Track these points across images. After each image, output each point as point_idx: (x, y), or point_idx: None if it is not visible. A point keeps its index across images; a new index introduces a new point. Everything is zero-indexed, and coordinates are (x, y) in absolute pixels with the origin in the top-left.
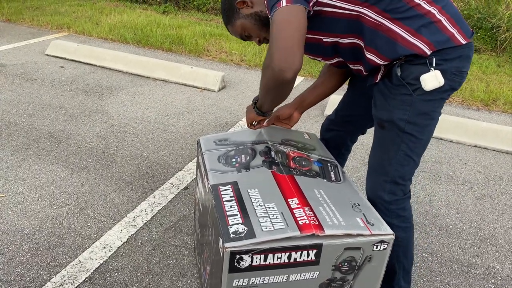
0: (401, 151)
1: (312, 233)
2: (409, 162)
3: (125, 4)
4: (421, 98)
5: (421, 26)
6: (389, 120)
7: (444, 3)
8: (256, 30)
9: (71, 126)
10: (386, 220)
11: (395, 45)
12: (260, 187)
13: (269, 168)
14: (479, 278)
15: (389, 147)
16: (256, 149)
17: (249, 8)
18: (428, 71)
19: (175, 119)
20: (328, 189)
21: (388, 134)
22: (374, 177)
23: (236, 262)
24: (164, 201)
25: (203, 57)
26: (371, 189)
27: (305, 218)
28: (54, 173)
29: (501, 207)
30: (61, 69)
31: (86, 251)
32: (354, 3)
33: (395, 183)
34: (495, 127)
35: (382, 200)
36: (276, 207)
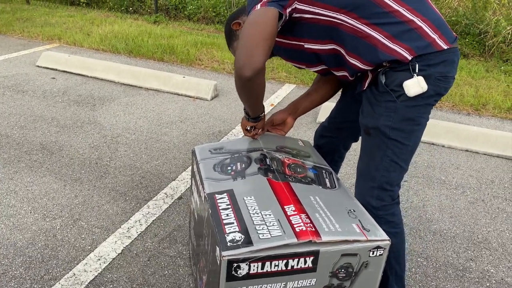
0: (387, 157)
1: (309, 239)
2: (396, 168)
3: (116, 14)
4: (405, 104)
5: (400, 32)
6: (374, 127)
7: (425, 9)
8: None
9: (64, 137)
10: None
11: (376, 51)
12: (256, 194)
13: (265, 176)
14: (474, 282)
15: (375, 153)
16: (251, 156)
17: None
18: (411, 77)
19: (168, 129)
20: (324, 195)
21: (374, 140)
22: (362, 183)
23: (233, 270)
24: (159, 211)
25: (195, 66)
26: (359, 195)
27: (301, 224)
28: (47, 185)
29: (493, 211)
30: (52, 80)
31: (80, 264)
32: (333, 10)
33: (382, 189)
34: (486, 131)
35: (370, 206)
36: (272, 214)
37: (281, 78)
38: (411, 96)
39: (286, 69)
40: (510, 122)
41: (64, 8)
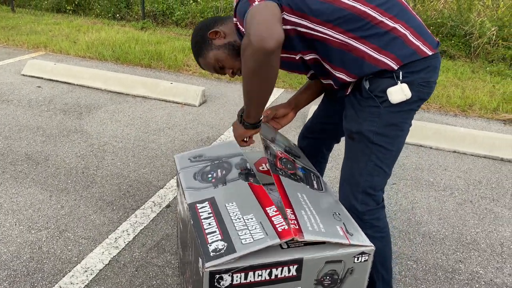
0: (371, 162)
1: (291, 238)
2: (379, 172)
3: (102, 21)
4: (389, 110)
5: (387, 43)
6: (358, 131)
7: (407, 17)
8: (230, 60)
9: (49, 147)
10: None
11: (363, 63)
12: (238, 200)
13: (246, 180)
14: (463, 284)
15: (359, 158)
16: (232, 162)
17: (221, 39)
18: (395, 84)
19: (155, 136)
20: (311, 195)
21: (358, 145)
22: (346, 187)
23: (216, 282)
24: (146, 220)
25: (183, 72)
26: (344, 199)
27: (283, 224)
28: (32, 196)
29: (481, 212)
30: (38, 89)
31: (66, 276)
32: (320, 24)
33: (366, 193)
34: (472, 132)
35: (355, 211)
36: (254, 218)
37: None
38: (394, 103)
39: None
40: (496, 123)
41: (50, 16)
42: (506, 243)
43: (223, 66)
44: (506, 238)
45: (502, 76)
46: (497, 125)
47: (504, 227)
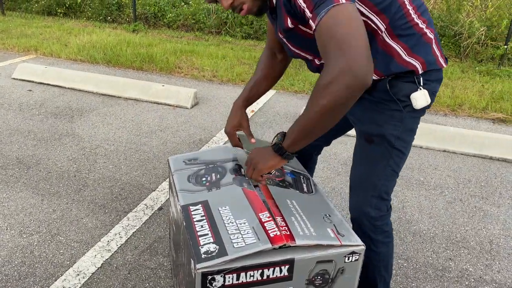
0: (389, 167)
1: (283, 243)
2: (394, 177)
3: (94, 24)
4: (410, 115)
5: (417, 45)
6: (380, 134)
7: (432, 25)
8: None
9: (41, 150)
10: (371, 236)
11: (391, 61)
12: (231, 204)
13: (240, 185)
14: (454, 281)
15: (378, 162)
16: (226, 167)
17: None
18: (416, 89)
19: (147, 138)
20: (300, 200)
21: (377, 149)
22: (361, 193)
23: (208, 283)
24: (139, 223)
25: (175, 74)
26: (357, 206)
27: (276, 230)
28: (24, 200)
29: (471, 210)
30: (29, 93)
31: (58, 280)
32: (376, 13)
33: (381, 198)
34: (462, 131)
35: (368, 217)
36: (247, 223)
37: None
38: (418, 109)
39: None
40: (485, 122)
41: (41, 19)
42: (495, 241)
43: None
44: (495, 236)
45: (491, 76)
46: (486, 124)
47: (493, 225)
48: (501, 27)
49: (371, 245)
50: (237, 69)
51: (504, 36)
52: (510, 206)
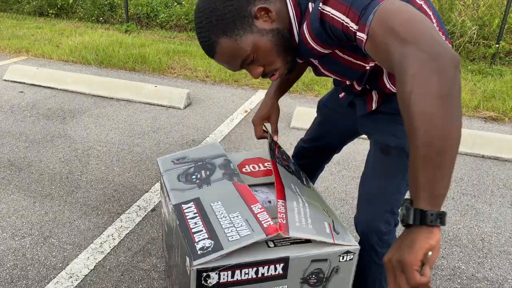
0: (405, 181)
1: (277, 233)
2: (406, 190)
3: (86, 24)
4: None
5: None
6: (399, 147)
7: (448, 36)
8: (274, 54)
9: (33, 152)
10: (377, 250)
11: None
12: (223, 199)
13: (230, 180)
14: (446, 279)
15: (395, 175)
16: (215, 163)
17: (268, 22)
18: None
19: (140, 140)
20: (302, 189)
21: (394, 161)
22: (375, 207)
23: (203, 280)
24: (132, 224)
25: (168, 75)
26: (369, 220)
27: (269, 220)
28: (16, 203)
29: (463, 208)
30: (20, 94)
31: (51, 282)
32: None
33: (392, 213)
34: None
35: (378, 232)
36: (240, 216)
37: (254, 84)
38: None
39: None
40: (477, 120)
41: (32, 20)
42: (487, 238)
43: (257, 59)
44: (487, 234)
45: (483, 75)
46: (478, 122)
47: (485, 223)
48: (492, 26)
49: (375, 258)
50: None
51: (495, 35)
52: (502, 204)
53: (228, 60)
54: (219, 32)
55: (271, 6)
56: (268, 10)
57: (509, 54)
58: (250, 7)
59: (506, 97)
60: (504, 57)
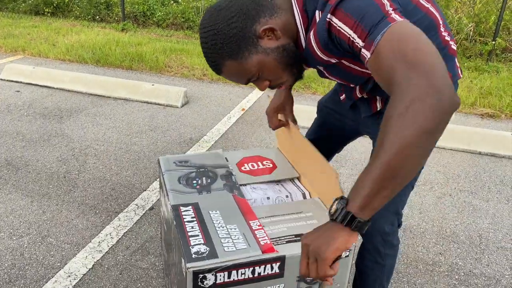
0: (409, 183)
1: (274, 253)
2: (410, 191)
3: (82, 23)
4: None
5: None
6: None
7: (453, 37)
8: (278, 69)
9: (30, 152)
10: (380, 250)
11: None
12: (222, 209)
13: (230, 192)
14: (444, 276)
15: None
16: (217, 172)
17: (273, 40)
18: None
19: (138, 138)
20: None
21: None
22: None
23: (199, 281)
24: (130, 223)
25: (165, 73)
26: (373, 221)
27: (266, 238)
28: (13, 202)
29: (460, 204)
30: (17, 94)
31: (49, 282)
32: None
33: (397, 213)
34: (451, 127)
35: (382, 232)
36: (237, 228)
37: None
38: None
39: None
40: (474, 117)
41: (28, 19)
42: (484, 235)
43: (263, 76)
44: (484, 230)
45: (479, 72)
46: (475, 119)
47: (482, 219)
48: (489, 23)
49: (378, 259)
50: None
51: (492, 32)
52: (499, 200)
53: (236, 78)
54: (224, 55)
55: (277, 21)
56: (272, 29)
57: (505, 51)
58: (255, 26)
59: (502, 94)
60: (501, 54)
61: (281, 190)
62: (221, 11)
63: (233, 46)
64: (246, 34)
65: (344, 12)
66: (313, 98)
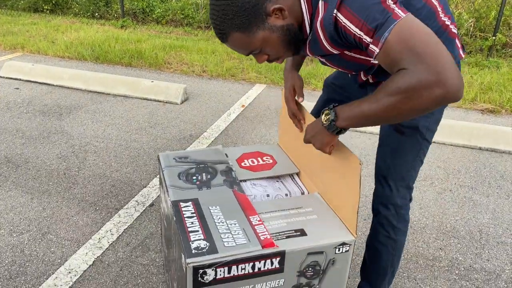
0: (419, 157)
1: (273, 248)
2: (420, 166)
3: (81, 20)
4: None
5: (445, 42)
6: (413, 126)
7: (454, 20)
8: (280, 47)
9: (30, 149)
10: (394, 224)
11: None
12: (222, 204)
13: (230, 188)
14: (444, 271)
15: (408, 153)
16: (217, 168)
17: (280, 19)
18: None
19: (137, 135)
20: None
21: (408, 140)
22: (391, 183)
23: (200, 276)
24: (130, 219)
25: (164, 70)
26: (386, 196)
27: (266, 233)
28: (13, 199)
29: (460, 200)
30: (16, 91)
31: (50, 278)
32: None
33: (408, 187)
34: (451, 122)
35: (395, 205)
36: (237, 224)
37: (252, 78)
38: None
39: (256, 69)
40: (474, 112)
41: (27, 16)
42: (484, 230)
43: (264, 50)
44: (484, 225)
45: (479, 67)
46: (475, 115)
47: (482, 214)
48: (489, 18)
49: (391, 233)
50: (227, 64)
51: (492, 28)
52: (499, 195)
53: (238, 49)
54: (233, 26)
55: (286, 2)
56: (282, 9)
57: (505, 47)
58: (266, 4)
59: (503, 89)
60: (501, 49)
61: (280, 188)
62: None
63: (244, 20)
64: (258, 10)
65: (349, 10)
66: (313, 94)
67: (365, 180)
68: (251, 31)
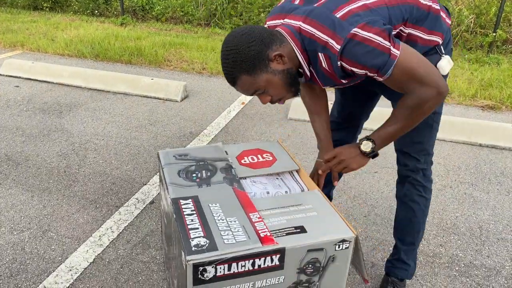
0: (434, 129)
1: (273, 244)
2: (436, 134)
3: (81, 18)
4: None
5: (432, 23)
6: None
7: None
8: (281, 88)
9: (30, 147)
10: (424, 184)
11: (416, 45)
12: (221, 202)
13: (230, 185)
14: (444, 267)
15: (425, 128)
16: (217, 165)
17: (281, 64)
18: (440, 57)
19: (137, 133)
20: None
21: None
22: (415, 155)
23: (200, 274)
24: (130, 217)
25: (164, 67)
26: (412, 165)
27: (266, 230)
28: (14, 197)
29: (460, 196)
30: (16, 89)
31: (50, 276)
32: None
33: (429, 154)
34: (451, 119)
35: (422, 169)
36: (237, 221)
37: None
38: (445, 74)
39: None
40: (475, 109)
41: (27, 13)
42: (485, 226)
43: (267, 92)
44: (484, 221)
45: (480, 63)
46: (475, 111)
47: (482, 211)
48: (489, 15)
49: (423, 192)
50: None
51: (492, 24)
52: (499, 192)
53: (246, 90)
54: (242, 70)
55: (284, 50)
56: (282, 56)
57: (506, 43)
58: (268, 51)
59: (503, 85)
60: (501, 46)
61: (280, 185)
62: (243, 35)
63: (250, 64)
64: (261, 57)
65: (350, 60)
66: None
67: (364, 177)
68: (256, 73)
